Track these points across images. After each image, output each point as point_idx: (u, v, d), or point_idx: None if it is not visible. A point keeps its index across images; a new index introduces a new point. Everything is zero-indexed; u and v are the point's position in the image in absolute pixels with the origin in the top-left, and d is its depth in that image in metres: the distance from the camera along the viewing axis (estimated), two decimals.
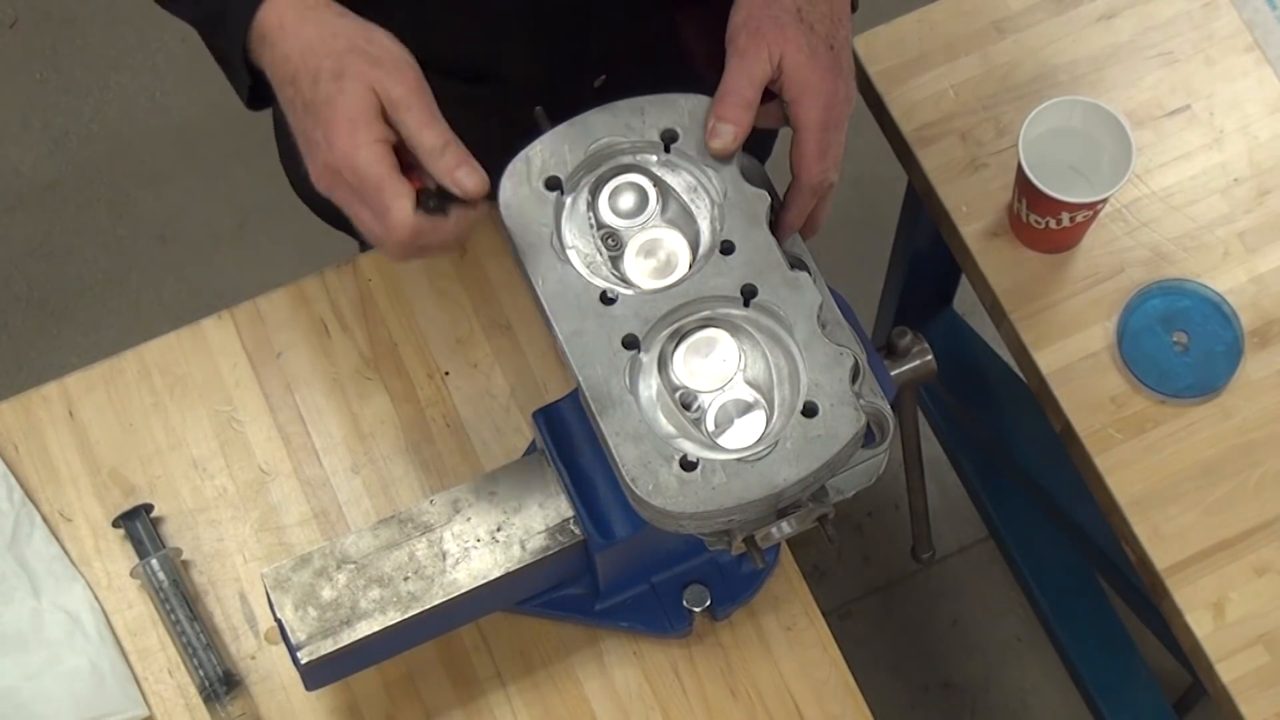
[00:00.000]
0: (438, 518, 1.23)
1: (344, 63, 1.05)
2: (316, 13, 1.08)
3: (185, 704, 1.34)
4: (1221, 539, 1.41)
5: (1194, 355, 1.45)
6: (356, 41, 1.06)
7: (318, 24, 1.07)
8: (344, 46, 1.06)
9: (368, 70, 1.05)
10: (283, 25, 1.08)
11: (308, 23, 1.07)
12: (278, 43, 1.08)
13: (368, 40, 1.06)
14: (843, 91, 1.15)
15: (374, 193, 1.05)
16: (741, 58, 1.13)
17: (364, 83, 1.05)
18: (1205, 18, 1.56)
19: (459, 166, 1.05)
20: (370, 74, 1.05)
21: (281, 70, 1.08)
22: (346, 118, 1.04)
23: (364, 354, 1.44)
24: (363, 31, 1.07)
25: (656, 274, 1.15)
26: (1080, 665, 1.99)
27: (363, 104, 1.04)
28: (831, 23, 1.15)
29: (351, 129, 1.04)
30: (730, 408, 1.11)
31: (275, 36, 1.08)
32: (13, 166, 2.56)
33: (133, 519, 1.36)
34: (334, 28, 1.07)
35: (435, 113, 1.06)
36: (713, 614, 1.34)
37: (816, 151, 1.14)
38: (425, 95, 1.06)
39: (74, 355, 2.42)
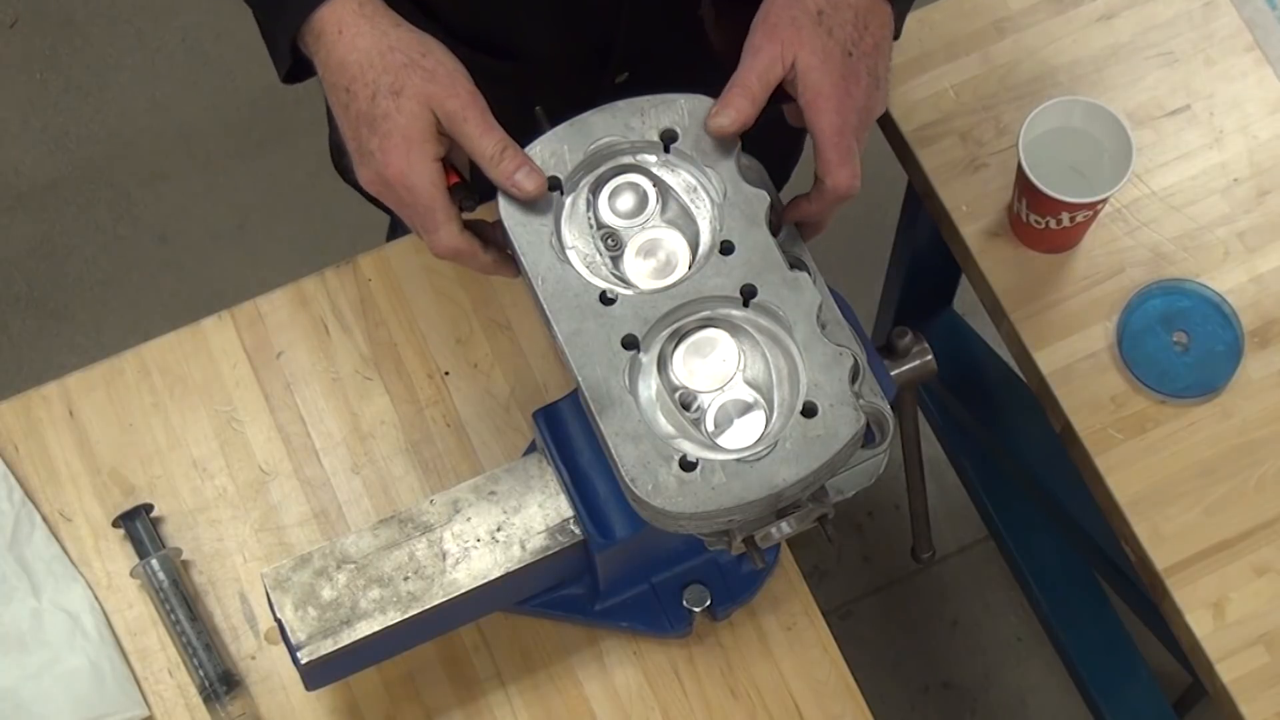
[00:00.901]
0: (438, 518, 1.23)
1: (402, 79, 1.07)
2: (374, 23, 1.09)
3: (185, 704, 1.34)
4: (1221, 539, 1.41)
5: (1194, 355, 1.45)
6: (413, 55, 1.08)
7: (376, 34, 1.09)
8: (401, 61, 1.08)
9: (424, 86, 1.07)
10: (341, 30, 1.09)
11: (365, 33, 1.09)
12: (334, 47, 1.09)
13: (423, 54, 1.09)
14: (859, 99, 1.13)
15: (425, 212, 1.09)
16: (754, 54, 1.13)
17: (421, 100, 1.07)
18: (1205, 18, 1.56)
19: (518, 169, 1.09)
20: (427, 89, 1.07)
21: (337, 76, 1.10)
22: (403, 136, 1.07)
23: (364, 354, 1.44)
24: (419, 45, 1.09)
25: (656, 274, 1.15)
26: (1080, 665, 1.99)
27: (420, 122, 1.07)
28: (856, 30, 1.13)
29: (407, 147, 1.07)
30: (730, 408, 1.11)
31: (332, 39, 1.10)
32: (13, 166, 2.56)
33: (133, 519, 1.36)
34: (391, 40, 1.09)
35: (491, 121, 1.09)
36: (713, 614, 1.34)
37: (837, 158, 1.13)
38: (480, 104, 1.09)
39: (74, 355, 2.42)
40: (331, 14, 1.10)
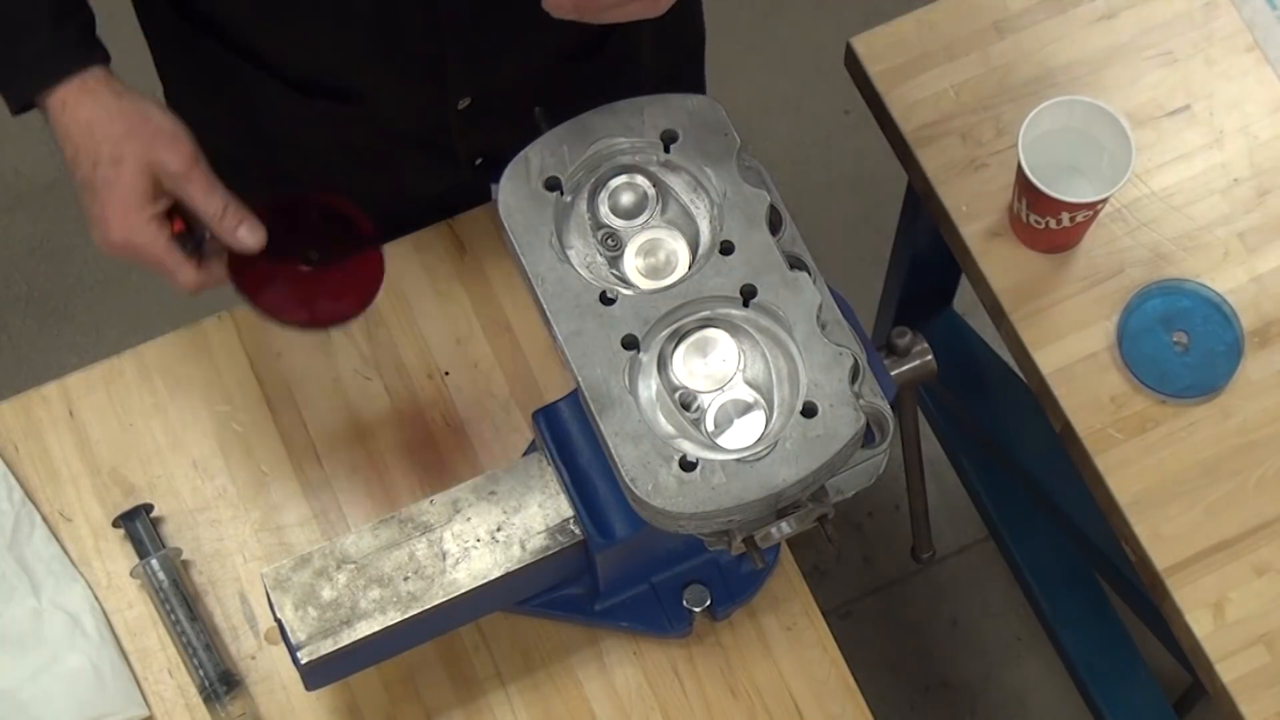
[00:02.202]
0: (438, 518, 1.23)
1: (122, 148, 1.14)
2: (96, 96, 1.15)
3: (185, 704, 1.34)
4: (1221, 539, 1.41)
5: (1194, 355, 1.45)
6: (134, 123, 1.14)
7: (97, 107, 1.15)
8: (122, 130, 1.14)
9: (145, 153, 1.14)
10: (65, 104, 1.15)
11: (87, 105, 1.15)
12: (60, 120, 1.16)
13: (144, 121, 1.15)
14: None
15: (156, 265, 1.15)
16: None
17: (141, 166, 1.14)
18: (1205, 18, 1.56)
19: (239, 226, 1.16)
20: (148, 156, 1.14)
21: (63, 145, 1.16)
22: (123, 202, 1.14)
23: (364, 354, 1.44)
24: (139, 113, 1.15)
25: (656, 274, 1.15)
26: (1080, 665, 1.99)
27: (140, 188, 1.14)
28: None
29: (126, 211, 1.14)
30: (730, 408, 1.11)
31: (57, 113, 1.16)
32: (13, 166, 2.55)
33: (133, 519, 1.36)
34: (112, 111, 1.14)
35: (211, 181, 1.16)
36: (713, 614, 1.34)
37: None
38: (201, 166, 1.16)
39: (74, 355, 2.42)
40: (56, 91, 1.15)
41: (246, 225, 1.16)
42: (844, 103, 2.54)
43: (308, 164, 1.41)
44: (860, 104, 1.60)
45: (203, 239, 1.18)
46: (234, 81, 1.31)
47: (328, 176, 1.42)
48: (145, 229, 1.14)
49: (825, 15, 2.59)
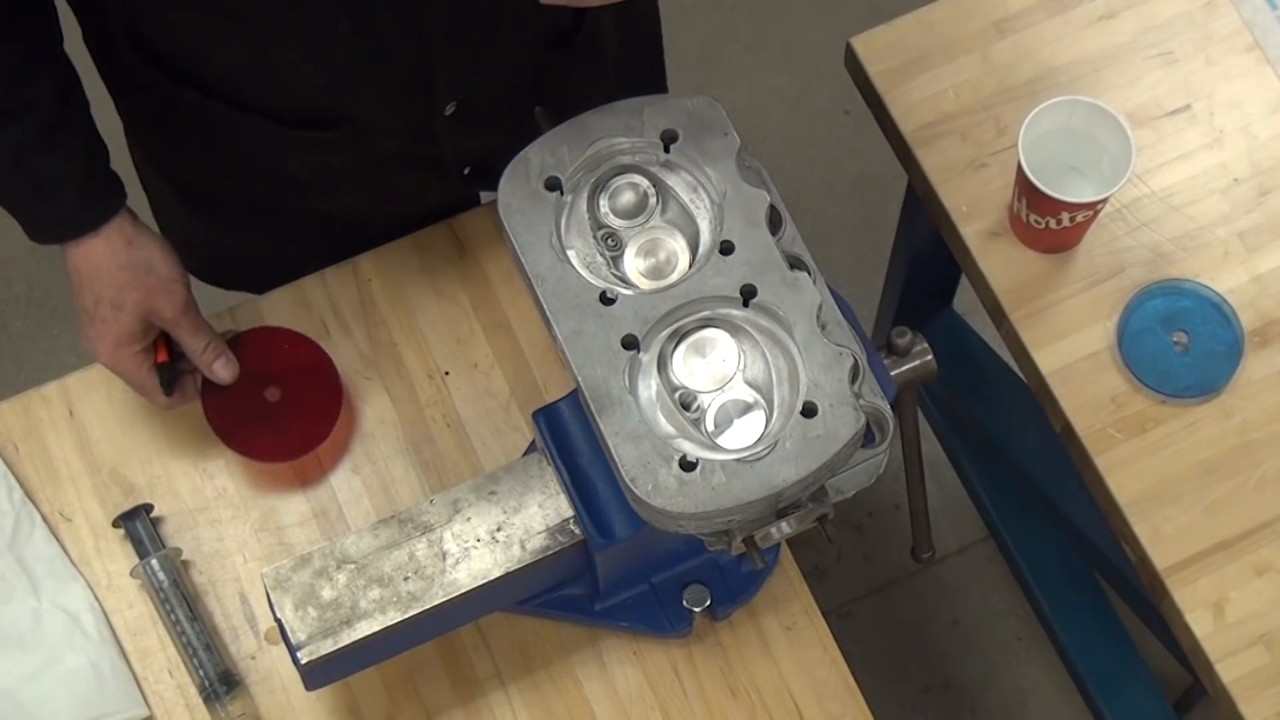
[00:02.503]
0: (438, 518, 1.23)
1: (124, 295, 1.29)
2: (109, 240, 1.28)
3: (185, 704, 1.34)
4: (1221, 539, 1.41)
5: (1194, 355, 1.45)
6: (138, 274, 1.29)
7: (109, 252, 1.28)
8: (127, 279, 1.29)
9: (144, 301, 1.29)
10: (79, 242, 1.29)
11: (99, 250, 1.28)
12: (72, 253, 1.30)
13: (147, 272, 1.29)
14: None
15: (135, 388, 1.35)
16: None
17: (139, 313, 1.30)
18: (1205, 18, 1.56)
19: (215, 360, 1.35)
20: (146, 304, 1.30)
21: (70, 272, 1.31)
22: (115, 339, 1.31)
23: (364, 354, 1.44)
24: (144, 264, 1.29)
25: (656, 274, 1.15)
26: (1080, 665, 1.99)
27: (131, 331, 1.30)
28: None
29: (117, 347, 1.31)
30: (730, 408, 1.11)
31: (72, 249, 1.29)
32: None
33: (133, 519, 1.36)
34: (121, 259, 1.28)
35: (198, 324, 1.33)
36: (713, 614, 1.34)
37: None
38: (191, 310, 1.32)
39: (74, 355, 2.41)
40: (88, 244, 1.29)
41: (222, 360, 1.35)
42: (844, 103, 2.54)
43: (295, 194, 1.41)
44: (860, 104, 1.60)
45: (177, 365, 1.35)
46: (216, 125, 1.32)
47: (316, 204, 1.43)
48: (130, 361, 1.32)
49: (825, 15, 2.59)
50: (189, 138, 1.37)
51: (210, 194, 1.46)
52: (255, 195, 1.43)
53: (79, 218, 1.28)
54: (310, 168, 1.37)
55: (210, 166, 1.41)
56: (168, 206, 1.55)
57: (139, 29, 1.28)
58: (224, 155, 1.37)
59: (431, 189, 1.44)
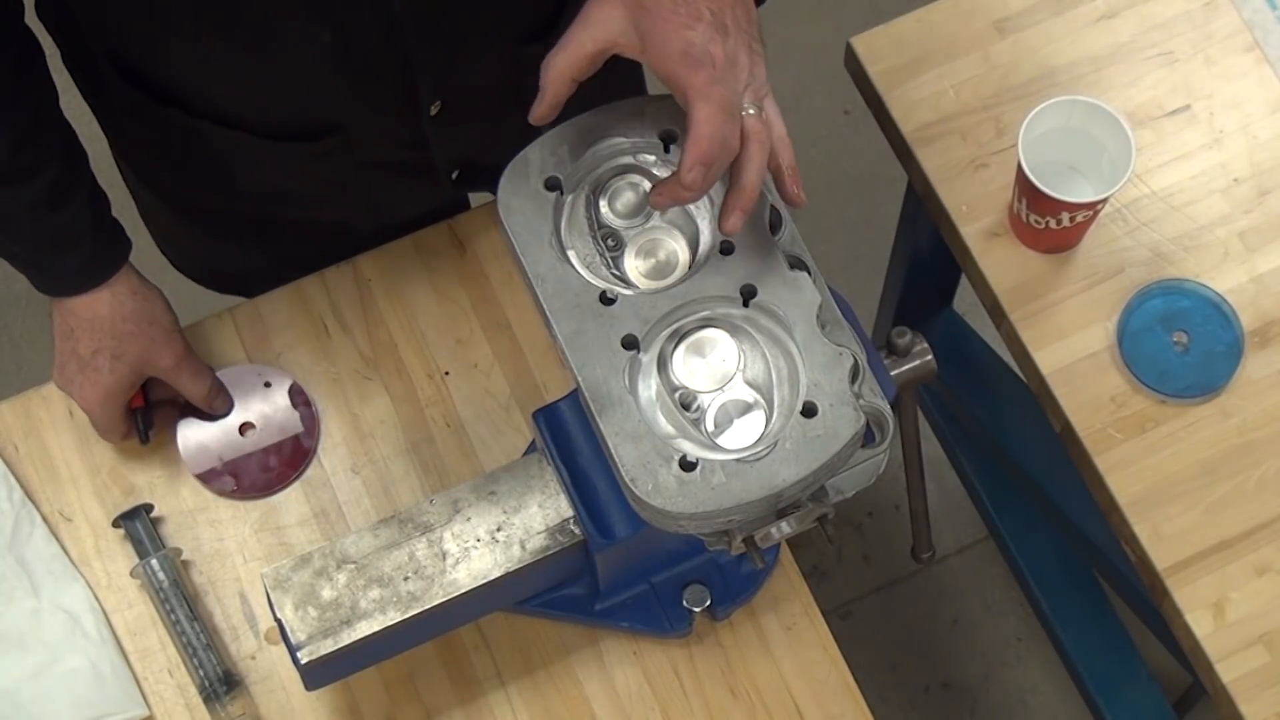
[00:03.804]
0: (438, 518, 1.23)
1: (125, 346, 1.31)
2: (115, 294, 1.30)
3: (185, 704, 1.34)
4: (1221, 539, 1.41)
5: (1194, 355, 1.45)
6: (141, 325, 1.31)
7: (114, 304, 1.30)
8: (129, 331, 1.31)
9: (143, 353, 1.32)
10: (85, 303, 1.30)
11: (104, 300, 1.30)
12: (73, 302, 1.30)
13: (150, 323, 1.32)
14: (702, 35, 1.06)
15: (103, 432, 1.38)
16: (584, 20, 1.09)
17: (136, 365, 1.32)
18: (1205, 18, 1.56)
19: (215, 398, 1.38)
20: (145, 356, 1.32)
21: (68, 319, 1.32)
22: (106, 390, 1.32)
23: (364, 354, 1.44)
24: (146, 315, 1.31)
25: (656, 274, 1.15)
26: (1080, 665, 1.99)
27: (125, 383, 1.33)
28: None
29: (105, 398, 1.33)
30: (730, 408, 1.11)
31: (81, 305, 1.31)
32: None
33: (133, 519, 1.36)
34: (125, 311, 1.30)
35: (197, 368, 1.36)
36: (713, 614, 1.34)
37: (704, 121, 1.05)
38: (190, 359, 1.35)
39: None
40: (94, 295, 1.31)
41: (220, 398, 1.39)
42: (844, 103, 2.54)
43: (286, 206, 1.41)
44: (860, 104, 1.60)
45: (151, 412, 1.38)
46: (203, 143, 1.32)
47: (307, 215, 1.43)
48: (112, 413, 1.35)
49: (825, 15, 2.59)
50: (175, 155, 1.37)
51: (199, 207, 1.47)
52: (245, 208, 1.43)
53: (92, 267, 1.30)
54: (300, 179, 1.37)
55: (199, 182, 1.41)
56: (157, 216, 1.56)
57: (120, 52, 1.28)
58: (212, 171, 1.36)
59: (422, 194, 1.44)
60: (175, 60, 1.25)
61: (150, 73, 1.28)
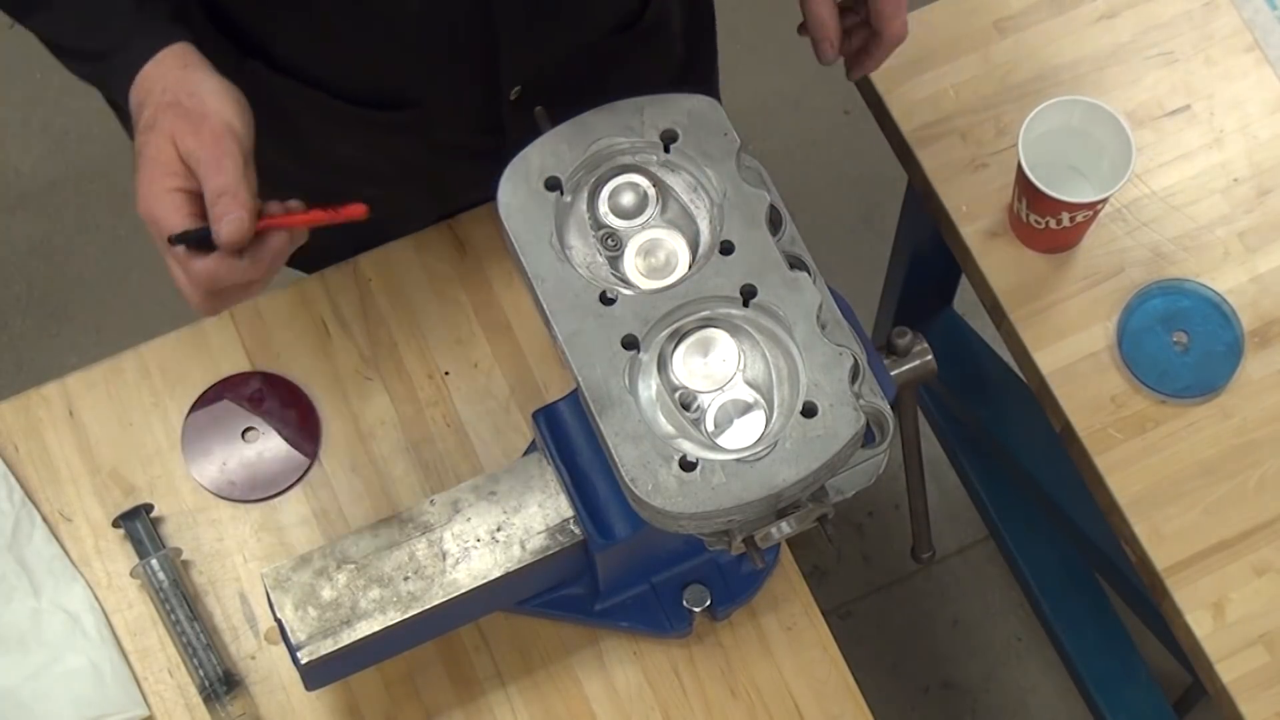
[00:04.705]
0: (438, 518, 1.23)
1: (158, 116, 1.10)
2: (161, 66, 1.12)
3: (185, 704, 1.34)
4: (1221, 539, 1.41)
5: (1194, 355, 1.45)
6: (179, 96, 1.10)
7: (156, 81, 1.12)
8: (167, 101, 1.10)
9: (173, 123, 1.09)
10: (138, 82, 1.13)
11: (150, 76, 1.12)
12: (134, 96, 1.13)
13: (189, 94, 1.10)
14: None
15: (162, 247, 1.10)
16: None
17: (167, 135, 1.09)
18: (1205, 18, 1.56)
19: (225, 215, 1.07)
20: (174, 126, 1.09)
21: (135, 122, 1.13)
22: (148, 170, 1.09)
23: (364, 354, 1.44)
24: (188, 86, 1.11)
25: (656, 274, 1.15)
26: (1080, 665, 1.99)
27: (163, 156, 1.08)
28: None
29: (149, 181, 1.08)
30: (730, 408, 1.11)
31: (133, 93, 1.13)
32: (13, 166, 2.56)
33: (133, 519, 1.36)
34: (166, 82, 1.11)
35: (225, 163, 1.08)
36: (713, 614, 1.34)
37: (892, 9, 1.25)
38: (220, 145, 1.08)
39: (74, 355, 2.42)
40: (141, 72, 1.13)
41: (231, 217, 1.07)
42: (844, 103, 2.54)
43: (347, 179, 1.40)
44: (860, 104, 1.60)
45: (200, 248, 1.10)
46: (278, 101, 1.30)
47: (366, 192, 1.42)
48: (162, 199, 1.08)
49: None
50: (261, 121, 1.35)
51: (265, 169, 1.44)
52: (312, 178, 1.40)
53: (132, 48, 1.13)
54: (370, 153, 1.36)
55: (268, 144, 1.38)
56: None
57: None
58: (284, 133, 1.33)
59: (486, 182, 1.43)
60: (266, 11, 1.24)
61: (238, 21, 1.26)
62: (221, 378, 1.42)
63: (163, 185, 1.08)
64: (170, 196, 1.08)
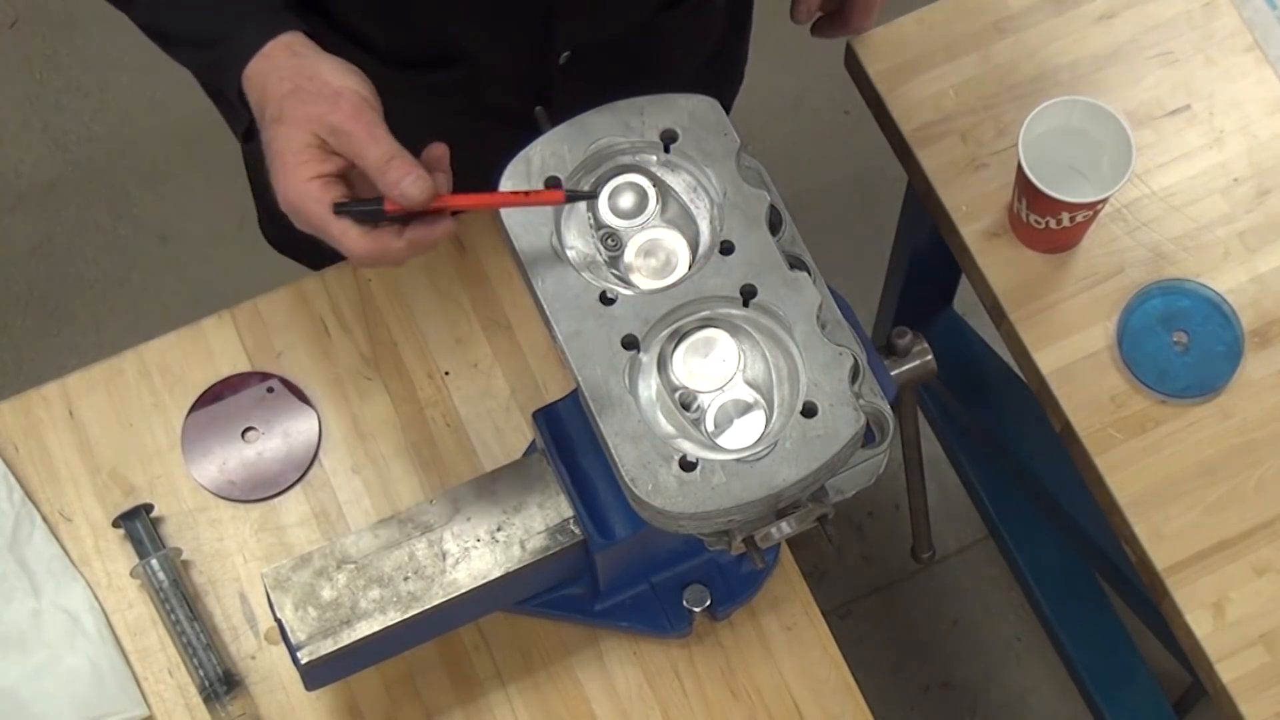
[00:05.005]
0: (438, 518, 1.23)
1: (282, 106, 1.08)
2: (272, 60, 1.11)
3: (185, 704, 1.34)
4: (1221, 539, 1.41)
5: (1194, 355, 1.45)
6: (299, 81, 1.09)
7: (270, 70, 1.10)
8: (287, 89, 1.09)
9: (304, 108, 1.07)
10: (249, 79, 1.11)
11: (262, 72, 1.11)
12: (249, 95, 1.12)
13: (310, 78, 1.09)
14: None
15: (321, 228, 1.08)
16: None
17: (300, 123, 1.07)
18: (1205, 18, 1.56)
19: (404, 177, 1.06)
20: (306, 110, 1.07)
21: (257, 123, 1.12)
22: (284, 162, 1.07)
23: (364, 354, 1.44)
24: (306, 70, 1.10)
25: (656, 274, 1.15)
26: (1080, 665, 1.99)
27: (296, 144, 1.07)
28: None
29: (287, 172, 1.07)
30: (730, 408, 1.11)
31: (247, 90, 1.12)
32: (13, 166, 2.56)
33: (133, 519, 1.36)
34: (281, 71, 1.10)
35: (376, 132, 1.07)
36: (713, 614, 1.34)
37: None
38: (366, 117, 1.08)
39: (74, 355, 2.42)
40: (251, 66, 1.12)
41: (412, 177, 1.05)
42: (844, 103, 2.53)
43: None
44: (860, 104, 1.60)
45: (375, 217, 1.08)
46: None
47: None
48: (303, 187, 1.06)
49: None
50: None
51: None
52: None
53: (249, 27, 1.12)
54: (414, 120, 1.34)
55: None
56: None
57: None
58: None
59: None
60: None
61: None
62: (221, 378, 1.42)
63: (300, 175, 1.07)
64: (310, 185, 1.07)
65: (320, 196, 1.07)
